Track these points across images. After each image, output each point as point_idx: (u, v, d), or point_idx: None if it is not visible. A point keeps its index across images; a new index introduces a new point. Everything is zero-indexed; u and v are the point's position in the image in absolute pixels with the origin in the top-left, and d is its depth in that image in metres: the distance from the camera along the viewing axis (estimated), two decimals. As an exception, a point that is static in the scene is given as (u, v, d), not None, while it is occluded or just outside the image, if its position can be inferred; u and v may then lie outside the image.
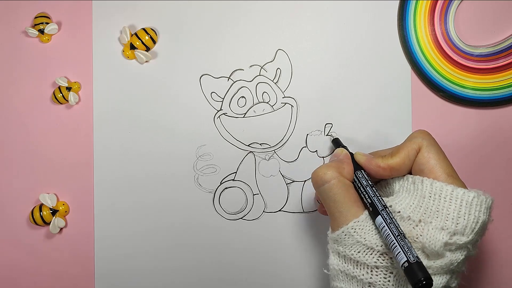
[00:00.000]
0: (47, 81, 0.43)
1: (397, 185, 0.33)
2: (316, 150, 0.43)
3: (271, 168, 0.43)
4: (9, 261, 0.44)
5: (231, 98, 0.43)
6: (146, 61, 0.43)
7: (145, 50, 0.42)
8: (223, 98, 0.43)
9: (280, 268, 0.43)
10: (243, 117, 0.43)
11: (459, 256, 0.29)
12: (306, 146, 0.43)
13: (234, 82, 0.43)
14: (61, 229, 0.43)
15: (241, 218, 0.43)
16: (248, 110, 0.43)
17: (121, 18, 0.43)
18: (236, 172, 0.43)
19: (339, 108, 0.43)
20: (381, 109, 0.42)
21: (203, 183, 0.43)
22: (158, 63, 0.43)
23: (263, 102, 0.43)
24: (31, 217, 0.42)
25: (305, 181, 0.43)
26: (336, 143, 0.40)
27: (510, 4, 0.42)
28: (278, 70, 0.43)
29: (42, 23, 0.42)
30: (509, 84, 0.41)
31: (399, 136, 0.42)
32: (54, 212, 0.42)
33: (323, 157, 0.43)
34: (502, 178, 0.43)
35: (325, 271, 0.33)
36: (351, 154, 0.36)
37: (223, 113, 0.43)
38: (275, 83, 0.43)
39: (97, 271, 0.43)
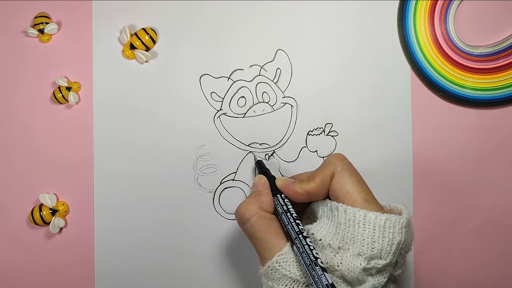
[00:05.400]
0: (47, 81, 0.43)
1: (320, 211, 0.32)
2: (316, 150, 0.43)
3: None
4: (9, 261, 0.44)
5: (231, 98, 0.43)
6: (146, 61, 0.43)
7: (145, 50, 0.42)
8: (223, 98, 0.43)
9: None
10: (243, 117, 0.43)
11: (381, 279, 0.29)
12: (306, 146, 0.43)
13: (234, 82, 0.43)
14: (61, 229, 0.43)
15: (241, 218, 0.43)
16: (248, 110, 0.43)
17: (121, 18, 0.43)
18: (236, 172, 0.43)
19: (339, 108, 0.43)
20: (381, 109, 0.42)
21: (203, 183, 0.43)
22: (158, 63, 0.43)
23: (263, 102, 0.43)
24: (31, 217, 0.42)
25: (305, 181, 0.43)
26: (259, 165, 0.40)
27: (510, 4, 0.42)
28: (278, 70, 0.43)
29: (42, 23, 0.42)
30: (509, 84, 0.41)
31: (399, 135, 0.42)
32: (54, 212, 0.42)
33: (323, 157, 0.43)
34: (502, 178, 0.43)
35: None
36: (273, 177, 0.35)
37: (223, 113, 0.43)
38: (275, 83, 0.43)
39: (97, 271, 0.43)
